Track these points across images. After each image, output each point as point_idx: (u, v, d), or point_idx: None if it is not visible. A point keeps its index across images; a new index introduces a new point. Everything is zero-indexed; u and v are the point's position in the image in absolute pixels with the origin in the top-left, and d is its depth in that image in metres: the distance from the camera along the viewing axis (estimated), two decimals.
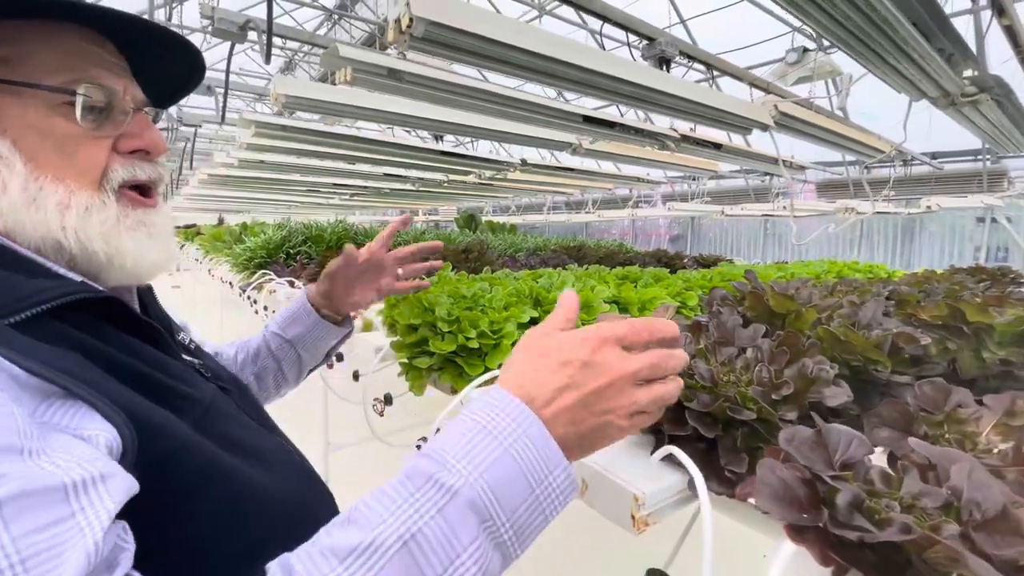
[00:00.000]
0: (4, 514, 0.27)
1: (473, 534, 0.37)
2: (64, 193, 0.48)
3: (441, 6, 1.10)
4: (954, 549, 0.38)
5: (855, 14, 1.18)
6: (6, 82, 0.46)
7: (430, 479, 0.38)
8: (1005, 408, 0.70)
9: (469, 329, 1.06)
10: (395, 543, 0.35)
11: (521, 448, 0.40)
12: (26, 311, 0.39)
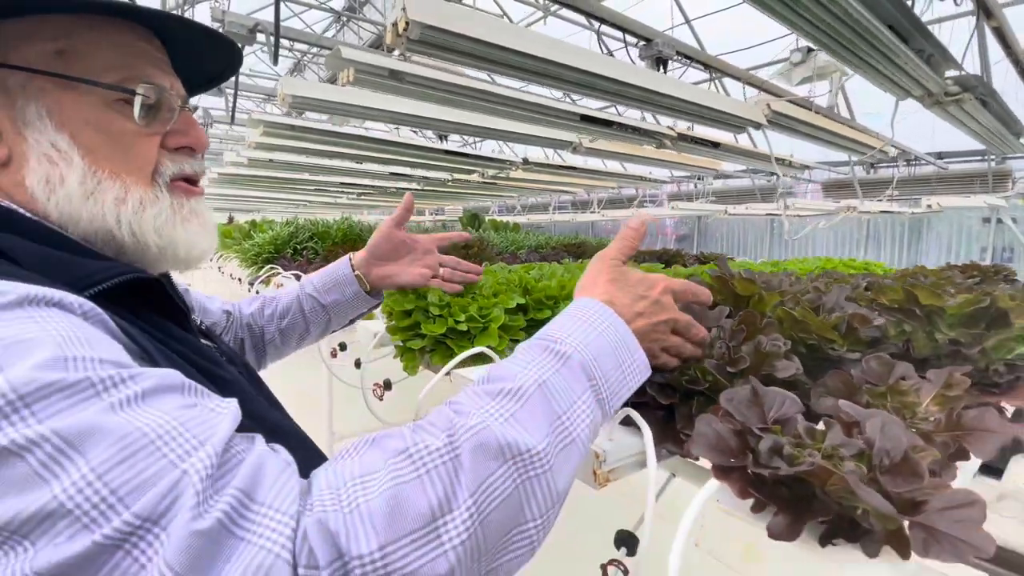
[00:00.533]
0: (110, 411, 0.34)
1: (584, 386, 0.50)
2: (121, 188, 0.53)
3: (436, 10, 1.17)
4: (845, 479, 0.45)
5: (831, 19, 1.24)
6: (66, 77, 0.49)
7: (547, 349, 0.51)
8: (944, 381, 0.76)
9: (459, 313, 1.13)
10: (532, 386, 0.46)
11: (612, 335, 0.55)
12: (95, 287, 0.45)
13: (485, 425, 0.40)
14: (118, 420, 0.34)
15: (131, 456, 0.33)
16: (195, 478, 0.33)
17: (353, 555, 0.33)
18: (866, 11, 1.23)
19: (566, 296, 1.38)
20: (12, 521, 0.30)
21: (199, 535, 0.32)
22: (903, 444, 0.52)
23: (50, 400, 0.32)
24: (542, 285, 1.36)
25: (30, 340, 0.34)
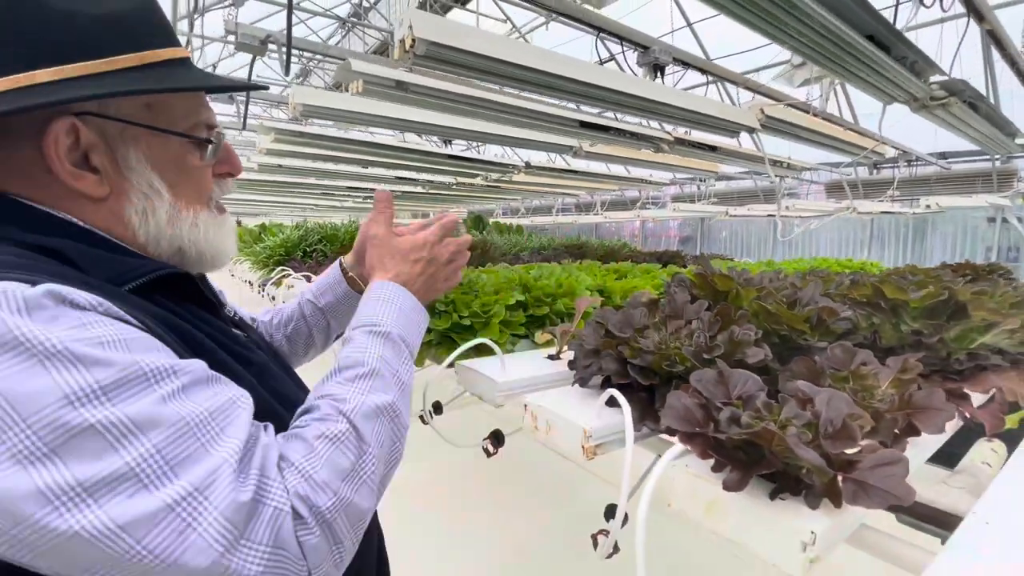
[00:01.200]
0: (163, 403, 0.44)
1: (402, 348, 0.67)
2: (191, 214, 0.63)
3: (440, 28, 1.26)
4: (786, 441, 0.53)
5: (811, 33, 1.32)
6: (156, 128, 0.59)
7: (372, 333, 0.66)
8: (900, 367, 0.84)
9: (463, 309, 1.22)
10: (376, 362, 0.62)
11: (405, 304, 0.73)
12: (135, 280, 0.54)
13: (359, 402, 0.57)
14: (168, 410, 0.44)
15: (179, 438, 0.44)
16: (232, 460, 0.45)
17: (320, 506, 0.48)
18: (844, 24, 1.30)
19: (563, 294, 1.46)
20: (87, 480, 0.39)
21: (241, 504, 0.44)
22: (843, 414, 0.60)
23: (119, 392, 0.42)
24: (541, 283, 1.44)
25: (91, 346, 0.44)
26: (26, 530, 0.38)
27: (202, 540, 0.41)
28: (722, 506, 0.59)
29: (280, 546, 0.45)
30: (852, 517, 0.57)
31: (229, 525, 0.42)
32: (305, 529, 0.47)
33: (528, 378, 1.07)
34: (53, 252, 0.51)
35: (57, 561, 0.40)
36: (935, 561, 0.49)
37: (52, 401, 0.39)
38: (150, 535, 0.40)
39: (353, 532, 0.51)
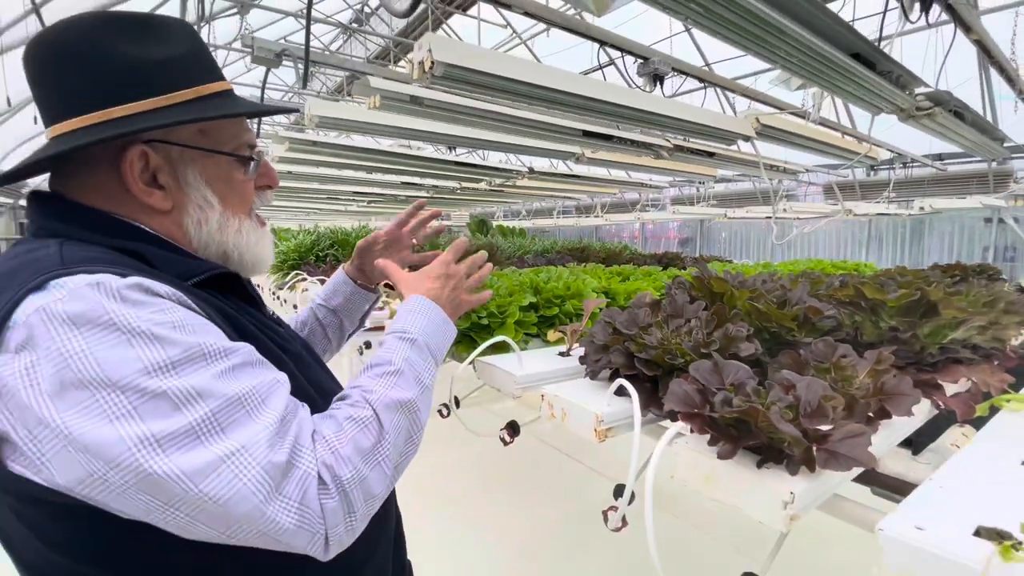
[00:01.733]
0: (218, 378, 0.54)
1: (427, 355, 0.75)
2: (236, 222, 0.74)
3: (456, 51, 1.37)
4: (769, 417, 0.64)
5: (798, 52, 1.42)
6: (208, 150, 0.70)
7: (402, 339, 0.75)
8: (875, 359, 0.95)
9: (481, 310, 1.33)
10: (401, 364, 0.70)
11: (434, 316, 0.81)
12: (196, 277, 0.65)
13: (383, 394, 0.65)
14: (221, 383, 0.54)
15: (228, 407, 0.54)
16: (270, 428, 0.54)
17: (341, 476, 0.57)
18: (829, 45, 1.40)
19: (571, 296, 1.57)
20: (159, 434, 0.49)
21: (277, 464, 0.53)
22: (819, 396, 0.70)
23: (185, 367, 0.53)
24: (550, 286, 1.55)
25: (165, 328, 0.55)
26: (112, 472, 0.48)
27: (246, 488, 0.51)
28: (717, 475, 0.70)
29: (306, 504, 0.54)
30: (825, 481, 0.67)
31: (267, 479, 0.52)
32: (326, 493, 0.55)
33: (543, 372, 1.17)
34: (133, 253, 0.62)
35: (135, 501, 0.50)
36: (890, 512, 0.59)
37: (135, 371, 0.50)
38: (205, 481, 0.50)
39: (365, 506, 0.59)
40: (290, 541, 0.54)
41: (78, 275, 0.52)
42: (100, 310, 0.50)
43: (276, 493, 0.52)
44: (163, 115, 0.65)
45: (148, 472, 0.48)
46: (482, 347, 1.15)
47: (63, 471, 0.48)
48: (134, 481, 0.48)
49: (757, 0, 1.11)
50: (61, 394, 0.48)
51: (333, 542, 0.56)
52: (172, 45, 0.67)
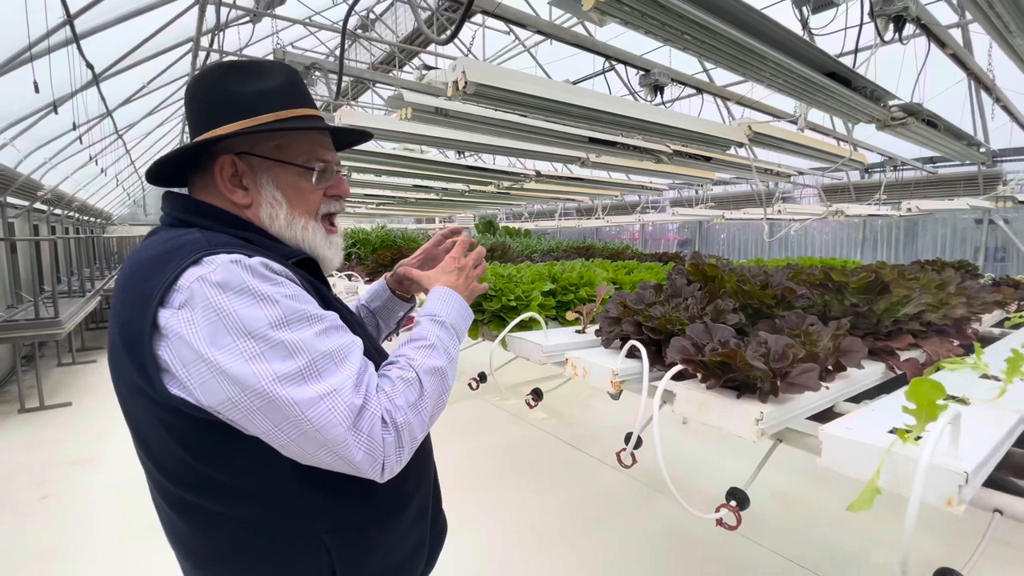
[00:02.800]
0: (317, 336, 0.74)
1: (452, 333, 0.90)
2: (303, 222, 0.92)
3: (487, 72, 1.60)
4: (746, 358, 0.87)
5: (775, 72, 1.64)
6: (281, 161, 0.89)
7: (434, 321, 0.90)
8: (835, 327, 1.18)
9: (509, 294, 1.56)
10: (435, 340, 0.86)
11: (456, 303, 0.96)
12: (293, 259, 0.86)
13: (422, 362, 0.82)
14: (318, 340, 0.72)
15: (323, 357, 0.70)
16: (352, 377, 0.71)
17: (396, 419, 0.73)
18: (806, 67, 1.62)
19: (584, 284, 1.80)
20: (279, 372, 0.68)
21: (355, 405, 0.69)
22: (783, 345, 0.93)
23: (294, 323, 0.72)
24: (566, 275, 1.78)
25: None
26: (245, 397, 0.66)
27: (335, 419, 0.68)
28: (706, 405, 0.93)
29: (372, 436, 0.70)
30: (787, 407, 0.90)
31: (350, 414, 0.70)
32: (386, 431, 0.72)
33: (564, 343, 1.40)
34: (244, 239, 0.83)
35: (257, 421, 0.68)
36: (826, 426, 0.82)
37: (262, 325, 0.70)
38: (310, 410, 0.67)
39: (410, 444, 0.75)
40: (358, 464, 0.70)
41: (221, 254, 0.72)
42: (239, 280, 0.70)
43: (354, 426, 0.69)
44: (237, 134, 0.85)
45: (271, 399, 0.67)
46: (513, 323, 1.38)
47: (210, 395, 0.67)
48: (259, 405, 0.67)
49: (738, 31, 1.34)
50: (213, 339, 0.67)
51: (387, 468, 0.73)
52: (266, 81, 0.87)
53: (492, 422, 4.84)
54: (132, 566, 2.67)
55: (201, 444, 0.73)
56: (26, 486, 3.60)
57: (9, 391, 5.75)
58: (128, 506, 3.30)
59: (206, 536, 0.78)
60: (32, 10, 3.59)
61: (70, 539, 2.96)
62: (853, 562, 2.69)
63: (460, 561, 2.73)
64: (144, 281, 0.71)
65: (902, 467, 0.66)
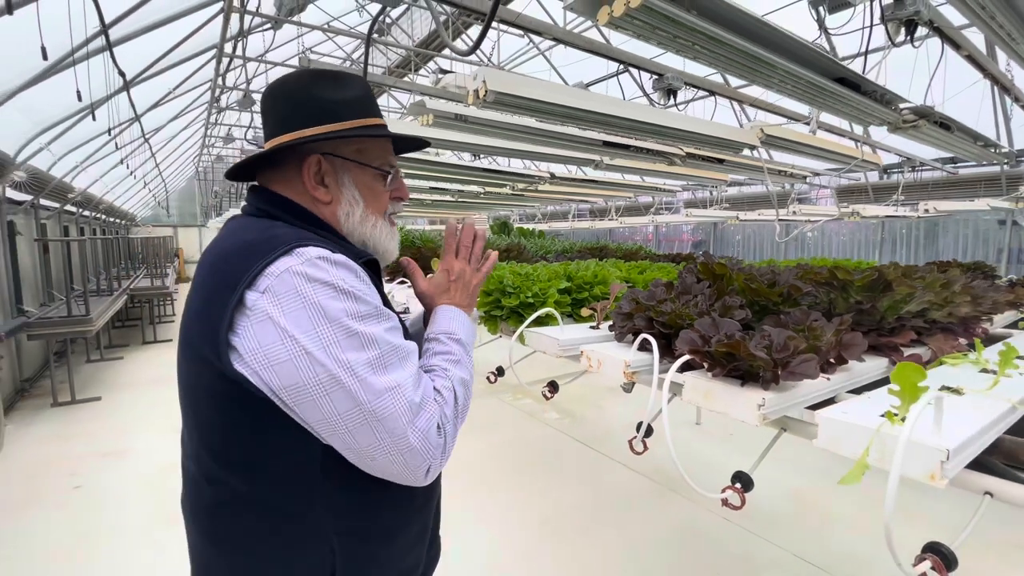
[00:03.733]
0: (386, 332, 0.82)
1: (465, 348, 0.93)
2: (374, 219, 1.00)
3: (507, 81, 1.68)
4: (749, 348, 0.93)
5: (785, 79, 1.70)
6: (361, 163, 0.97)
7: (452, 338, 0.93)
8: (838, 323, 1.24)
9: (527, 291, 1.64)
10: (459, 355, 0.91)
11: (464, 320, 0.98)
12: (363, 259, 0.95)
13: (455, 374, 0.87)
14: (388, 336, 0.81)
15: (391, 353, 0.76)
16: (412, 376, 0.76)
17: (447, 428, 0.79)
18: (815, 74, 1.67)
19: (598, 282, 1.87)
20: (351, 361, 0.74)
21: (415, 402, 0.74)
22: (784, 337, 1.00)
23: (368, 318, 0.80)
24: (580, 274, 1.85)
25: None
26: (319, 382, 0.71)
27: (397, 412, 0.73)
28: (712, 392, 1.00)
29: (428, 436, 0.74)
30: (787, 394, 0.97)
31: (410, 411, 0.76)
32: (439, 434, 0.77)
33: (579, 338, 1.48)
34: (322, 236, 0.91)
35: (318, 407, 0.71)
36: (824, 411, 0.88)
37: (341, 315, 0.76)
38: (377, 400, 0.72)
39: (450, 452, 0.79)
40: (411, 462, 0.74)
41: (309, 247, 0.79)
42: (324, 272, 0.75)
43: (413, 423, 0.74)
44: (329, 137, 0.94)
45: (341, 384, 0.71)
46: (531, 319, 1.46)
47: (282, 376, 0.71)
48: (329, 390, 0.71)
49: (747, 41, 1.40)
50: (297, 323, 0.72)
51: (431, 472, 0.77)
52: (348, 91, 0.95)
53: (508, 420, 4.92)
54: (160, 551, 2.80)
55: (247, 423, 0.76)
56: (60, 476, 3.76)
57: (42, 386, 5.97)
58: (156, 496, 3.44)
59: (227, 514, 0.81)
60: (64, 20, 3.76)
61: (102, 526, 3.10)
62: (867, 563, 2.71)
63: (477, 552, 2.81)
64: (237, 264, 0.76)
65: (889, 446, 0.73)
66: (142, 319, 9.53)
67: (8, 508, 3.31)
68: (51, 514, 3.24)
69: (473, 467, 3.88)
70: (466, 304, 1.03)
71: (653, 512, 3.21)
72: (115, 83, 4.69)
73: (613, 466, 3.87)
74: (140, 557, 2.79)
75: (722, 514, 3.12)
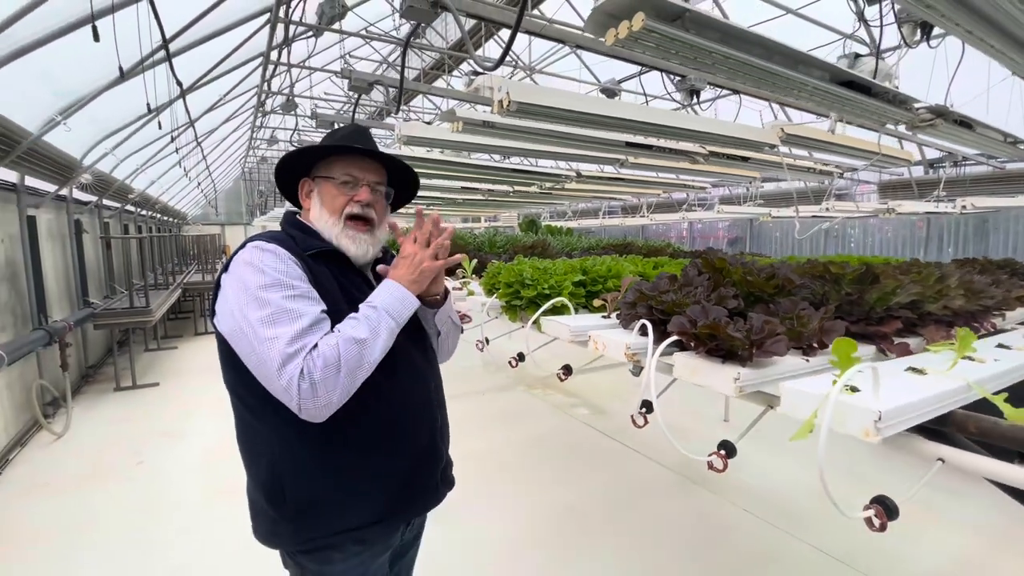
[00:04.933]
0: (283, 299, 1.04)
1: (384, 315, 1.10)
2: (332, 219, 1.21)
3: (529, 92, 1.84)
4: (727, 330, 1.08)
5: (791, 86, 1.79)
6: (323, 177, 1.23)
7: (368, 306, 1.11)
8: (823, 312, 1.36)
9: (543, 283, 1.80)
10: (363, 318, 1.08)
11: (396, 292, 1.14)
12: (312, 251, 1.17)
13: (346, 332, 1.03)
14: (285, 302, 1.01)
15: (282, 314, 1.00)
16: (293, 332, 0.99)
17: (315, 376, 0.98)
18: (822, 81, 1.75)
19: (612, 276, 2.02)
20: (254, 316, 0.99)
21: (287, 353, 0.97)
22: (762, 322, 1.14)
23: (270, 287, 1.03)
24: (595, 268, 2.01)
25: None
26: (238, 329, 1.02)
27: (270, 358, 0.97)
28: (697, 368, 1.14)
29: (291, 381, 0.95)
30: (762, 371, 1.10)
31: (280, 358, 0.97)
32: (302, 379, 0.96)
33: (590, 325, 1.64)
34: (290, 234, 1.19)
35: (239, 346, 1.02)
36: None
37: (253, 286, 1.02)
38: (260, 345, 0.98)
39: (325, 396, 0.98)
40: (284, 396, 0.97)
41: (257, 240, 1.11)
42: (252, 256, 1.07)
43: (283, 367, 0.96)
44: (298, 155, 1.26)
45: (243, 332, 1.01)
46: (544, 307, 1.63)
47: (223, 325, 1.05)
48: (238, 335, 1.02)
49: (752, 56, 1.51)
50: (233, 291, 1.05)
51: (303, 409, 0.98)
52: (336, 134, 1.28)
53: (533, 412, 5.09)
54: (215, 520, 3.10)
55: (228, 361, 1.11)
56: (125, 453, 4.15)
57: (105, 372, 6.49)
58: (210, 471, 3.76)
59: (239, 425, 1.17)
60: (129, 36, 4.13)
61: (163, 497, 3.44)
62: (890, 557, 2.77)
63: (501, 533, 2.99)
64: (231, 256, 1.13)
65: (836, 410, 0.86)
66: (194, 311, 10.13)
67: (79, 481, 3.70)
68: (119, 486, 3.60)
69: (500, 454, 4.07)
70: (407, 280, 1.17)
71: (677, 504, 3.32)
72: (173, 91, 5.09)
73: (638, 458, 3.99)
74: (198, 524, 3.10)
75: (746, 508, 3.21)
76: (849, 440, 0.89)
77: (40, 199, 5.33)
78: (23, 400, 4.50)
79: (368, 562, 1.18)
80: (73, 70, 4.44)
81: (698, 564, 2.72)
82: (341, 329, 1.05)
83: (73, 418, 4.76)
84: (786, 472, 3.49)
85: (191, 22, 4.61)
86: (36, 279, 4.98)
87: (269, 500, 1.12)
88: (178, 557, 2.78)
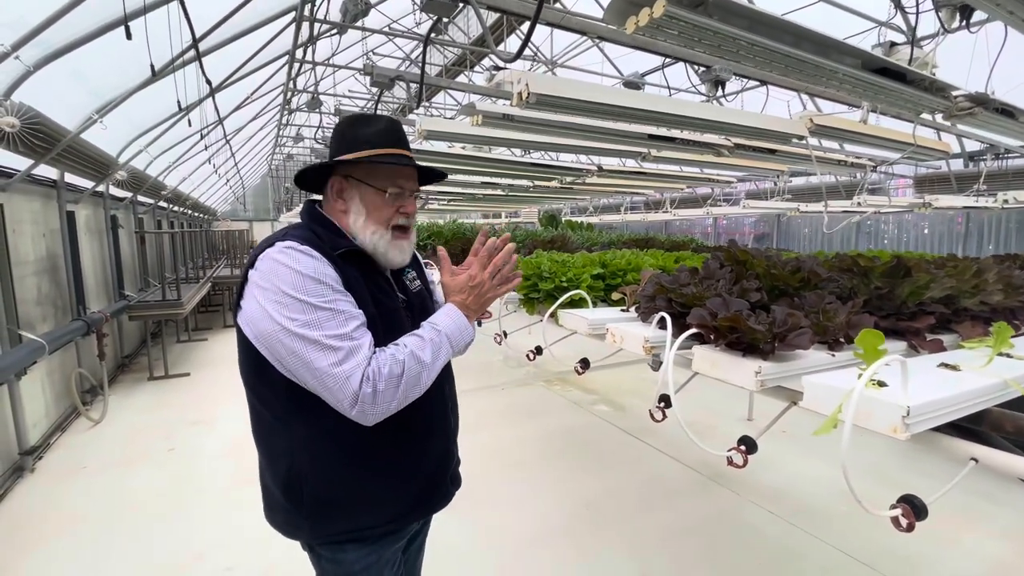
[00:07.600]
0: (320, 300, 1.03)
1: (445, 340, 1.12)
2: (374, 228, 1.20)
3: (548, 84, 1.83)
4: (747, 322, 1.05)
5: (826, 76, 1.73)
6: (368, 184, 1.18)
7: (434, 328, 1.12)
8: (850, 307, 1.32)
9: (561, 276, 1.79)
10: (428, 340, 1.09)
11: (457, 318, 1.17)
12: (339, 251, 1.14)
13: (412, 351, 1.04)
14: (321, 304, 0.99)
15: (333, 315, 0.99)
16: (339, 334, 0.98)
17: (378, 384, 0.98)
18: (855, 68, 1.69)
19: (632, 269, 2.00)
20: (295, 318, 0.97)
21: (344, 352, 0.97)
22: (785, 315, 1.11)
23: (310, 291, 1.01)
24: (615, 262, 1.98)
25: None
26: (272, 332, 0.99)
27: (330, 359, 0.96)
28: (717, 362, 1.12)
29: (349, 378, 0.95)
30: (783, 364, 1.07)
31: (338, 358, 0.96)
32: (366, 383, 0.96)
33: (608, 318, 1.62)
34: (317, 233, 1.15)
35: (276, 348, 0.99)
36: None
37: (289, 287, 1.00)
38: (306, 348, 0.97)
39: (384, 406, 0.99)
40: (336, 397, 0.97)
41: (287, 240, 1.07)
42: (285, 257, 1.03)
43: (338, 368, 0.96)
44: (349, 163, 1.19)
45: (288, 333, 0.98)
46: (561, 300, 1.62)
47: (255, 324, 1.02)
48: (279, 337, 0.98)
49: (781, 44, 1.47)
50: (263, 290, 1.01)
51: (360, 413, 0.98)
52: (371, 127, 1.21)
53: (551, 407, 5.08)
54: (242, 506, 3.17)
55: (247, 358, 1.09)
56: (157, 440, 4.29)
57: (139, 362, 6.71)
58: (238, 458, 3.86)
59: (256, 419, 1.16)
60: (162, 36, 4.24)
61: (192, 482, 3.54)
62: (916, 562, 2.68)
63: (520, 525, 3.00)
64: (256, 251, 1.11)
65: (862, 405, 0.83)
66: (223, 305, 10.40)
67: (115, 465, 3.84)
68: (152, 472, 3.72)
69: (521, 450, 4.07)
70: (473, 309, 1.21)
71: (697, 502, 3.27)
72: (203, 90, 5.21)
73: (658, 456, 3.94)
74: (224, 509, 3.18)
75: (768, 508, 3.14)
76: (877, 441, 0.87)
77: (79, 195, 5.53)
78: (63, 388, 4.69)
79: (380, 551, 1.20)
80: (106, 71, 4.58)
81: (716, 564, 2.68)
82: (408, 344, 1.06)
83: (110, 405, 4.94)
84: (812, 473, 3.41)
85: (220, 21, 4.70)
86: (75, 272, 5.17)
87: (287, 497, 1.14)
88: (204, 540, 2.87)
